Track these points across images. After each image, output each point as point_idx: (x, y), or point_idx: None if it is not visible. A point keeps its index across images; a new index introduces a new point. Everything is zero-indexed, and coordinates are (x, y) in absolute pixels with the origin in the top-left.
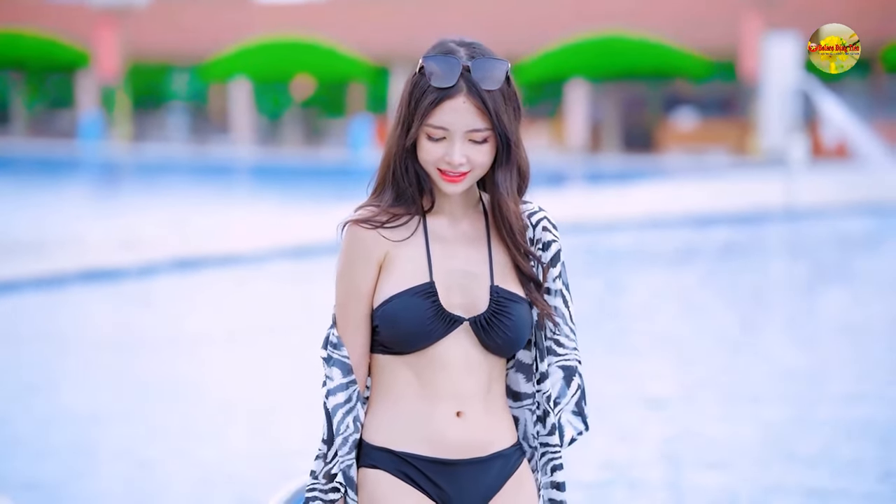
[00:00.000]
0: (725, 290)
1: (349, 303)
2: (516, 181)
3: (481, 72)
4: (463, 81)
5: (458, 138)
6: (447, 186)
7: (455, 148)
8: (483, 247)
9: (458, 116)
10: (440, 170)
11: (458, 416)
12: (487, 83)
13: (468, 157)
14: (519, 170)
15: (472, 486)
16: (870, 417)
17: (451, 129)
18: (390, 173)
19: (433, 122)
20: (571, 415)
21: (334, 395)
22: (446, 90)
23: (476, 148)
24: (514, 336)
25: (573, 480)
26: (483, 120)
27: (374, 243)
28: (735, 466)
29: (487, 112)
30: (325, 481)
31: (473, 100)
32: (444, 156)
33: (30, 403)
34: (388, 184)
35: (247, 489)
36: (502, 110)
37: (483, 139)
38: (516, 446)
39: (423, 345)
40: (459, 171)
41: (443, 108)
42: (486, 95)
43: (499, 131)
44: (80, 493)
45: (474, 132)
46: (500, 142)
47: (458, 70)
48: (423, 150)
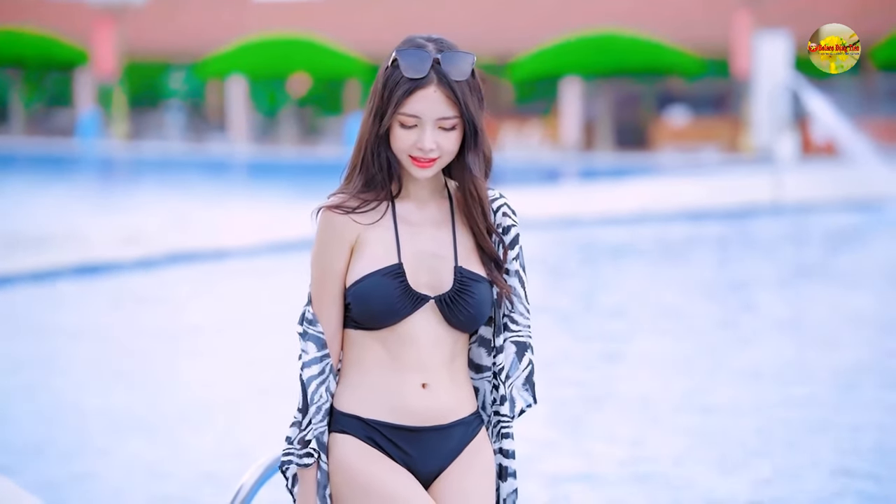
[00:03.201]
0: (711, 282)
1: (324, 282)
2: (483, 165)
3: (450, 64)
4: (433, 73)
5: (428, 126)
6: (418, 172)
7: (426, 135)
8: (448, 230)
9: (429, 105)
10: (412, 156)
11: (423, 388)
12: (456, 74)
13: (438, 143)
14: (484, 155)
15: (435, 450)
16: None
17: (423, 117)
18: (361, 160)
19: (406, 110)
20: (522, 388)
21: (309, 368)
22: (418, 81)
23: (445, 135)
24: (475, 313)
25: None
26: (452, 108)
27: (346, 227)
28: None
29: (456, 101)
30: (299, 446)
31: (444, 89)
32: (415, 142)
33: (26, 396)
34: (359, 170)
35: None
36: (469, 99)
37: (452, 126)
38: (475, 414)
39: (391, 321)
40: (430, 157)
41: (415, 97)
42: (455, 85)
43: (467, 118)
44: (80, 487)
45: (444, 119)
46: (467, 128)
47: (430, 62)
48: (395, 137)
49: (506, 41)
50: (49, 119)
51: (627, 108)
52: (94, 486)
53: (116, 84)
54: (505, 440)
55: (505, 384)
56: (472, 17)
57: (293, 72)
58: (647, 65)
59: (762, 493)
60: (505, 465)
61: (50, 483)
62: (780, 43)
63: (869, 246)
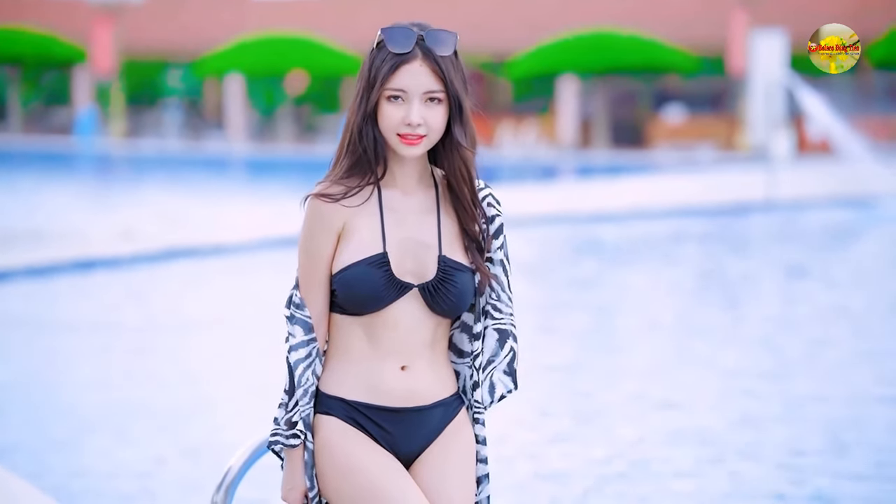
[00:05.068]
0: (703, 279)
1: (311, 269)
2: (471, 137)
3: (434, 40)
4: (418, 48)
5: (415, 99)
6: (406, 150)
7: (413, 108)
8: (433, 218)
9: (415, 78)
10: (399, 134)
11: (402, 370)
12: (440, 49)
13: (425, 118)
14: (475, 144)
15: (416, 430)
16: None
17: (409, 91)
18: (348, 143)
19: (392, 85)
20: (503, 374)
21: (296, 351)
22: (404, 55)
23: (432, 109)
24: (457, 301)
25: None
26: (437, 82)
27: (333, 215)
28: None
29: (441, 74)
30: (286, 427)
31: (429, 63)
32: (403, 118)
33: (22, 390)
34: (346, 153)
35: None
36: (454, 75)
37: (438, 101)
38: (456, 396)
39: (376, 308)
40: (417, 133)
41: (401, 71)
42: (439, 60)
43: (452, 93)
44: (79, 484)
45: (430, 93)
46: (452, 104)
47: (414, 38)
48: (383, 115)
49: (503, 39)
50: (47, 117)
51: (624, 106)
52: (92, 482)
53: (114, 82)
54: (476, 426)
55: (485, 370)
56: (470, 15)
57: (290, 70)
58: (644, 63)
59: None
60: (476, 450)
61: (46, 477)
62: (776, 41)
63: (862, 243)
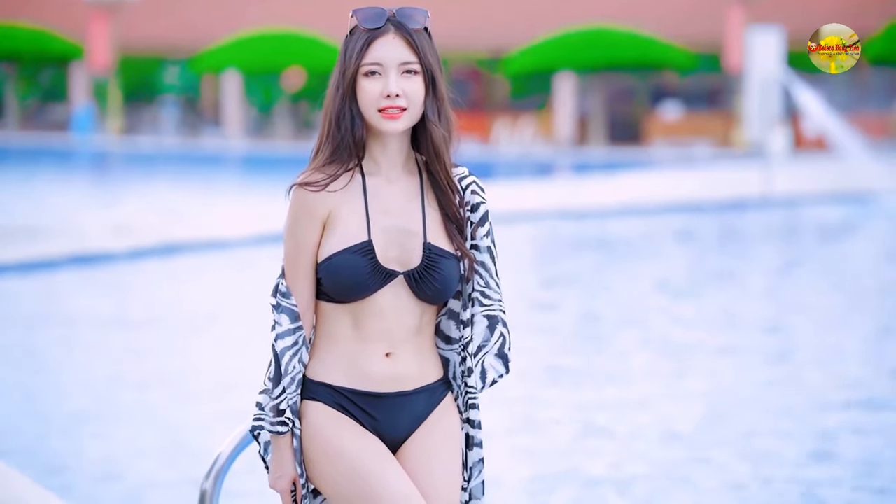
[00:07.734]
0: (699, 274)
1: (297, 257)
2: (444, 117)
3: (405, 15)
4: (390, 23)
5: (392, 70)
6: (388, 124)
7: (391, 79)
8: (417, 205)
9: (390, 50)
10: (380, 110)
11: (387, 357)
12: (412, 23)
13: (403, 89)
14: (448, 124)
15: (401, 414)
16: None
17: (385, 64)
18: (328, 130)
19: (368, 59)
20: (494, 358)
21: (283, 339)
22: (376, 30)
23: (409, 80)
24: (442, 288)
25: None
26: (412, 53)
27: (318, 204)
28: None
29: (415, 45)
30: (272, 414)
31: (402, 35)
32: (382, 91)
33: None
34: (326, 140)
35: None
36: (427, 49)
37: (414, 72)
38: (442, 381)
39: (361, 296)
40: (398, 105)
41: (375, 45)
42: (413, 32)
43: (426, 64)
44: (76, 478)
45: (406, 64)
46: (426, 77)
47: (386, 14)
48: (362, 91)
49: (500, 36)
50: (44, 113)
51: (621, 103)
52: (88, 476)
53: (111, 79)
54: (472, 410)
55: (476, 356)
56: (466, 11)
57: (288, 66)
58: (641, 60)
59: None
60: (472, 434)
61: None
62: (773, 38)
63: (858, 239)
